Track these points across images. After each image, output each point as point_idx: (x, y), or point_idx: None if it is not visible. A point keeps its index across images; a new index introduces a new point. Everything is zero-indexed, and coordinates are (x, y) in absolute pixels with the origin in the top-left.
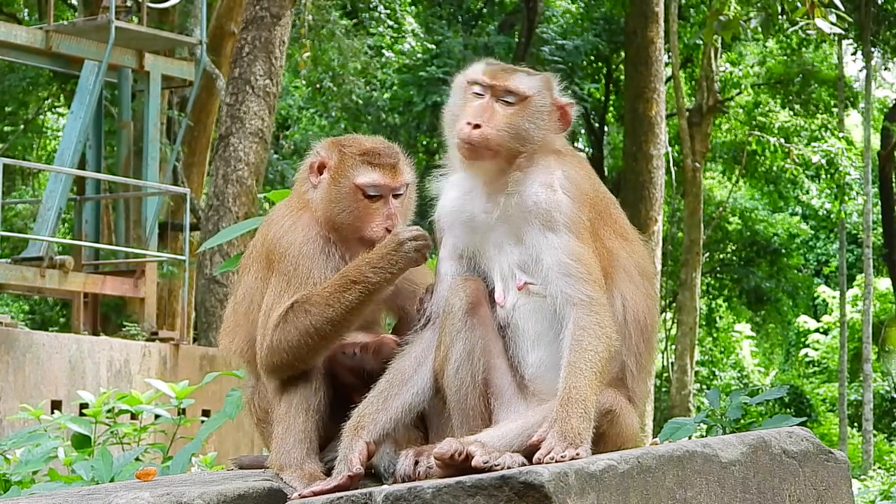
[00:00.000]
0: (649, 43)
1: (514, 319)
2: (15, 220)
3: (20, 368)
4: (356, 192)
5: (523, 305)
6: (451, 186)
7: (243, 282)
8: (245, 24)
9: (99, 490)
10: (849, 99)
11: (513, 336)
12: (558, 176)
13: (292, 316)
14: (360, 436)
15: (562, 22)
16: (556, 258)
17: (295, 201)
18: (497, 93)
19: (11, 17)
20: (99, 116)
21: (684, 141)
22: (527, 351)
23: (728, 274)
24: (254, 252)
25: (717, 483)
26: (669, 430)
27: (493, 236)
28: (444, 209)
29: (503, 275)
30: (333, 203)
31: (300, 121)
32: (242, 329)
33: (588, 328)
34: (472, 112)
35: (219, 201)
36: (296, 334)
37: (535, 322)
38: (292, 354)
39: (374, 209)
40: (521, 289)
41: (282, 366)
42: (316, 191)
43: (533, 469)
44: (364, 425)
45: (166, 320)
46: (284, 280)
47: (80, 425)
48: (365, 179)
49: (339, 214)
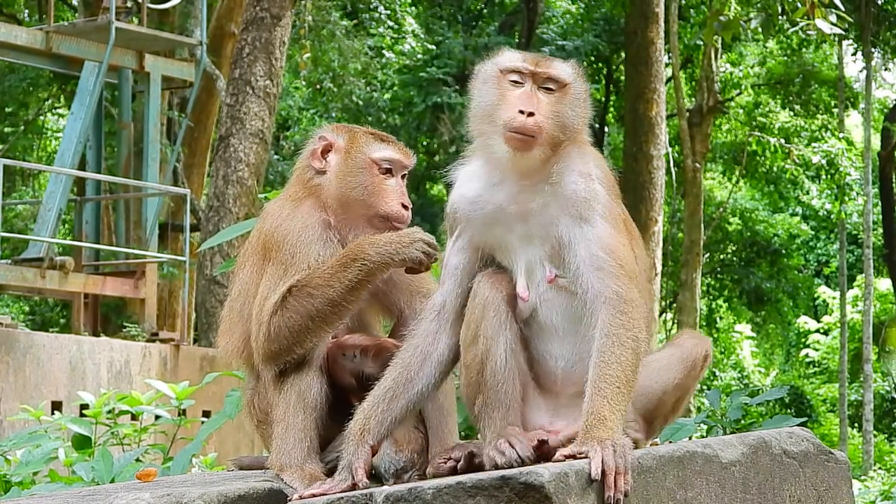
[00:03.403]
0: (649, 43)
1: (539, 313)
2: (15, 220)
3: (20, 369)
4: (371, 167)
5: (550, 299)
6: (470, 177)
7: (239, 278)
8: (245, 25)
9: (99, 491)
10: (849, 99)
11: (537, 330)
12: (592, 166)
13: (292, 300)
14: (366, 440)
15: (562, 22)
16: (589, 251)
17: (293, 191)
18: (539, 80)
19: (11, 17)
20: (99, 117)
21: (684, 141)
22: (552, 345)
23: (728, 274)
24: (249, 247)
25: (717, 483)
26: (670, 431)
27: (520, 228)
28: (464, 200)
29: (530, 268)
30: (349, 179)
31: (300, 121)
32: (239, 326)
33: (614, 334)
34: (522, 100)
35: (219, 202)
36: (296, 318)
37: (562, 316)
38: (292, 339)
39: (388, 185)
40: (552, 282)
41: (280, 352)
42: (324, 175)
43: (533, 469)
44: (370, 428)
45: (166, 321)
46: (281, 267)
47: (81, 426)
48: (381, 154)
49: (353, 190)
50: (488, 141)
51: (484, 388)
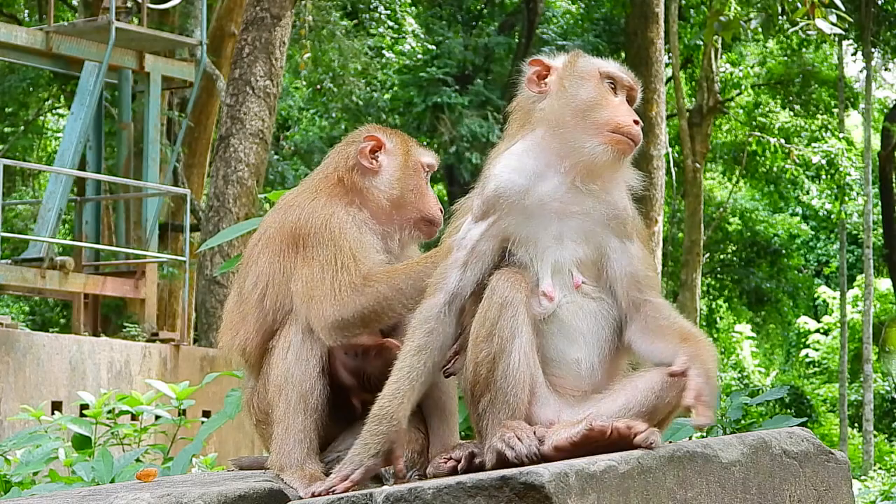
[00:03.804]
0: (649, 43)
1: (561, 314)
2: (15, 221)
3: (21, 369)
4: (420, 171)
5: (572, 303)
6: (515, 164)
7: (253, 270)
8: (245, 25)
9: (99, 491)
10: (849, 99)
11: (556, 330)
12: (631, 181)
13: (373, 285)
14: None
15: (562, 23)
16: (632, 267)
17: (323, 185)
18: (629, 95)
19: (11, 17)
20: (99, 117)
21: (684, 141)
22: (573, 346)
23: (728, 275)
24: (263, 240)
25: (717, 484)
26: (670, 431)
27: (555, 227)
28: (514, 187)
29: (556, 268)
30: (405, 181)
31: (300, 122)
32: (252, 318)
33: (682, 320)
34: (627, 109)
35: (219, 202)
36: (379, 301)
37: (586, 320)
38: (371, 318)
39: (428, 190)
40: (578, 287)
41: (353, 325)
42: (375, 175)
43: (533, 470)
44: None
45: (167, 321)
46: (331, 250)
47: (81, 426)
48: (428, 159)
49: (406, 192)
50: (575, 135)
51: (493, 388)
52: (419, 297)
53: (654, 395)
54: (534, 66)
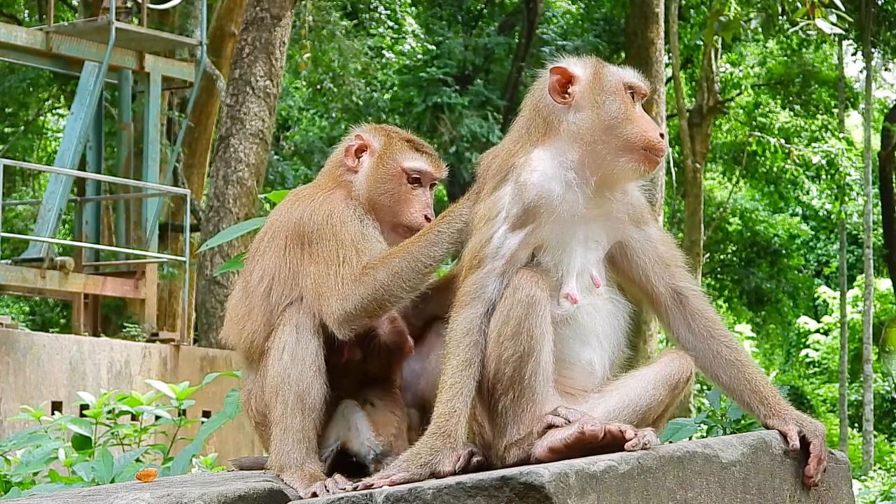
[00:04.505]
0: (649, 44)
1: (580, 316)
2: (15, 221)
3: (21, 370)
4: (401, 176)
5: (595, 304)
6: (553, 176)
7: (259, 265)
8: (245, 25)
9: (99, 491)
10: (849, 99)
11: (573, 333)
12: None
13: (373, 272)
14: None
15: (562, 23)
16: (655, 250)
17: (323, 182)
18: (643, 100)
19: (11, 18)
20: (99, 117)
21: (685, 142)
22: (589, 349)
23: (728, 275)
24: (267, 236)
25: (717, 484)
26: (670, 431)
27: (582, 231)
28: (553, 196)
29: (581, 271)
30: (377, 184)
31: (301, 122)
32: (258, 312)
33: (723, 327)
34: (651, 122)
35: (219, 202)
36: (391, 278)
37: (599, 324)
38: (376, 305)
39: (414, 196)
40: (598, 286)
41: (358, 316)
42: (356, 174)
43: (533, 470)
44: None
45: (167, 321)
46: (333, 245)
47: (81, 426)
48: (412, 164)
49: (380, 196)
50: (607, 151)
51: (519, 386)
52: (418, 279)
53: (648, 394)
54: (556, 74)
